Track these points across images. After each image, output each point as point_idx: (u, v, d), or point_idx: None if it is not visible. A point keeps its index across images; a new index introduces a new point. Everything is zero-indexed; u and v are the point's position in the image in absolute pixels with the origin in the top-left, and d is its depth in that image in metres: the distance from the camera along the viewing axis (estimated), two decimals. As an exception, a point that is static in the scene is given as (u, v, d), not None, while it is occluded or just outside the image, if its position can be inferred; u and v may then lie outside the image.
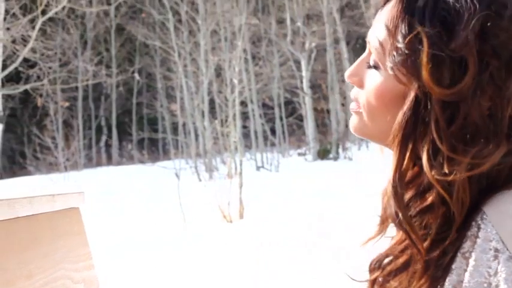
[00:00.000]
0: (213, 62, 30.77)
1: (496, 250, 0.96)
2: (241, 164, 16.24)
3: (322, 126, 39.58)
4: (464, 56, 0.99)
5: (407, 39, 1.02)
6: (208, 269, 8.81)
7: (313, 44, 33.56)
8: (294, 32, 34.76)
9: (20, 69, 21.91)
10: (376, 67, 1.11)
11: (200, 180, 25.55)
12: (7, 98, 31.83)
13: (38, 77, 24.74)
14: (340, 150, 32.65)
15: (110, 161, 42.13)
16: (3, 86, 18.23)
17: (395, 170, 1.06)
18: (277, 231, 10.90)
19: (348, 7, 38.91)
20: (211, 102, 32.05)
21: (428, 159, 1.01)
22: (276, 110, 38.49)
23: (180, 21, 34.97)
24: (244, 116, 35.06)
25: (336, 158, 31.78)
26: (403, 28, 1.04)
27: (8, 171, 35.83)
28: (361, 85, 1.16)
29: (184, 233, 12.22)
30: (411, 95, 1.03)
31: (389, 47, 1.06)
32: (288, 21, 35.00)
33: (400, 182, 1.05)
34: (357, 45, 42.83)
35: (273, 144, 37.54)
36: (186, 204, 14.90)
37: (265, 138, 37.64)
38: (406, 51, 1.02)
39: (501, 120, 1.00)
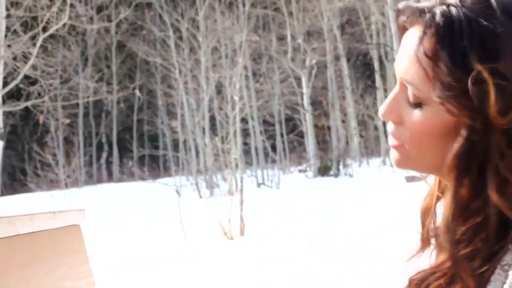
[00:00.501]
0: (213, 79, 30.84)
1: None
2: (241, 181, 16.22)
3: (322, 143, 39.62)
4: None
5: (458, 74, 1.01)
6: (209, 286, 8.79)
7: (314, 61, 33.63)
8: (295, 48, 34.84)
9: (21, 86, 21.93)
10: (417, 104, 1.09)
11: (201, 197, 25.52)
12: (8, 115, 31.87)
13: (39, 94, 24.76)
14: (340, 167, 32.64)
15: (110, 177, 42.11)
16: (4, 103, 18.24)
17: (452, 205, 1.06)
18: (278, 248, 10.88)
19: (349, 24, 39.05)
20: (212, 119, 32.10)
21: (497, 190, 1.01)
22: (277, 127, 38.55)
23: (180, 38, 35.08)
24: (245, 133, 35.11)
25: (336, 175, 31.77)
26: (447, 62, 1.02)
27: (9, 188, 35.75)
28: (399, 121, 1.14)
29: (184, 250, 12.20)
30: (466, 127, 1.03)
31: (433, 82, 1.05)
32: (289, 38, 35.10)
33: (456, 218, 1.05)
34: (358, 62, 42.96)
35: (273, 161, 37.57)
36: (187, 221, 14.88)
37: (266, 155, 37.65)
38: (457, 85, 1.02)
39: None
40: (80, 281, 2.02)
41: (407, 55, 1.09)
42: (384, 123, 37.51)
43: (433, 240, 1.18)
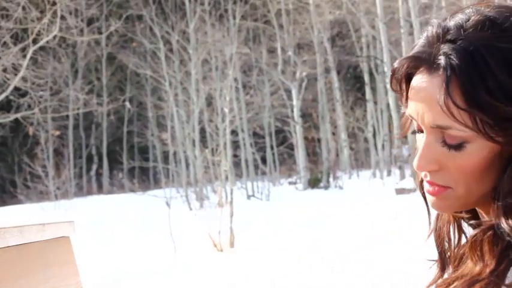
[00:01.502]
0: (204, 91, 30.86)
1: None
2: (231, 193, 16.21)
3: (312, 155, 39.63)
4: None
5: (501, 108, 1.01)
6: (198, 298, 8.77)
7: (304, 73, 33.69)
8: (285, 61, 34.90)
9: (11, 97, 21.92)
10: (459, 144, 1.07)
11: (191, 209, 25.49)
12: (-3, 126, 31.81)
13: (29, 106, 24.76)
14: (330, 179, 32.65)
15: (100, 189, 42.03)
16: (-7, 114, 18.22)
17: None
18: (268, 261, 10.87)
19: (339, 37, 39.13)
20: (202, 131, 32.11)
21: None
22: (267, 139, 38.57)
23: (171, 50, 35.11)
24: (235, 145, 35.13)
25: (326, 187, 31.77)
26: (484, 100, 1.01)
27: (-2, 200, 35.67)
28: (439, 168, 1.10)
29: (174, 262, 12.17)
30: None
31: (475, 120, 1.03)
32: (279, 51, 35.17)
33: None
34: (348, 75, 43.04)
35: (263, 173, 37.54)
36: (177, 233, 14.85)
37: (256, 167, 37.65)
38: (501, 117, 1.01)
39: None
40: (69, 293, 2.01)
41: (432, 102, 1.06)
42: (374, 136, 37.38)
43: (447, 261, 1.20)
